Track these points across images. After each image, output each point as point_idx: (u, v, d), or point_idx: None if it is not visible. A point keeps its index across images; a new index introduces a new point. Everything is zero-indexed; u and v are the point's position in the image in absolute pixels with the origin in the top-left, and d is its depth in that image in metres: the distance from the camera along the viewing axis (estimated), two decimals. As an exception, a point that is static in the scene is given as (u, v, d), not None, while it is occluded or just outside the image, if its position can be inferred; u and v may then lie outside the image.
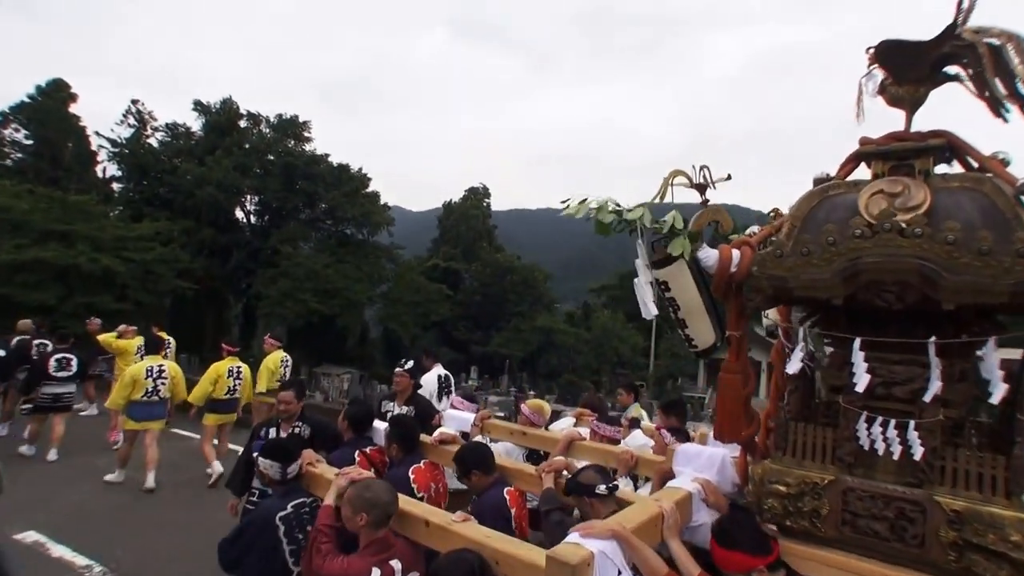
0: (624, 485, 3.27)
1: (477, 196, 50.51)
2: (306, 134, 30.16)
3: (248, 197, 29.56)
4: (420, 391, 6.43)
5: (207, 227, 27.37)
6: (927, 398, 2.00)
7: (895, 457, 2.06)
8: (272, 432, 4.03)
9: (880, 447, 2.08)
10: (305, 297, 24.56)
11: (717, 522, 2.27)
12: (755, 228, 2.53)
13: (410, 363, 5.23)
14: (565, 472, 3.05)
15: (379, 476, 3.64)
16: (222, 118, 30.04)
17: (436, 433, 3.96)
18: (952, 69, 2.18)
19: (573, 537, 1.93)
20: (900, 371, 2.13)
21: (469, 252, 45.81)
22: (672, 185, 2.25)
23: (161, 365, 6.84)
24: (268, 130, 30.11)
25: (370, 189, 30.43)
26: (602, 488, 2.52)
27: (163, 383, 6.75)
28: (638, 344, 44.33)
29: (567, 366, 38.50)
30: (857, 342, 2.14)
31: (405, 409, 4.91)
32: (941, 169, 2.25)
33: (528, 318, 39.27)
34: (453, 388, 6.96)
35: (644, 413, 6.09)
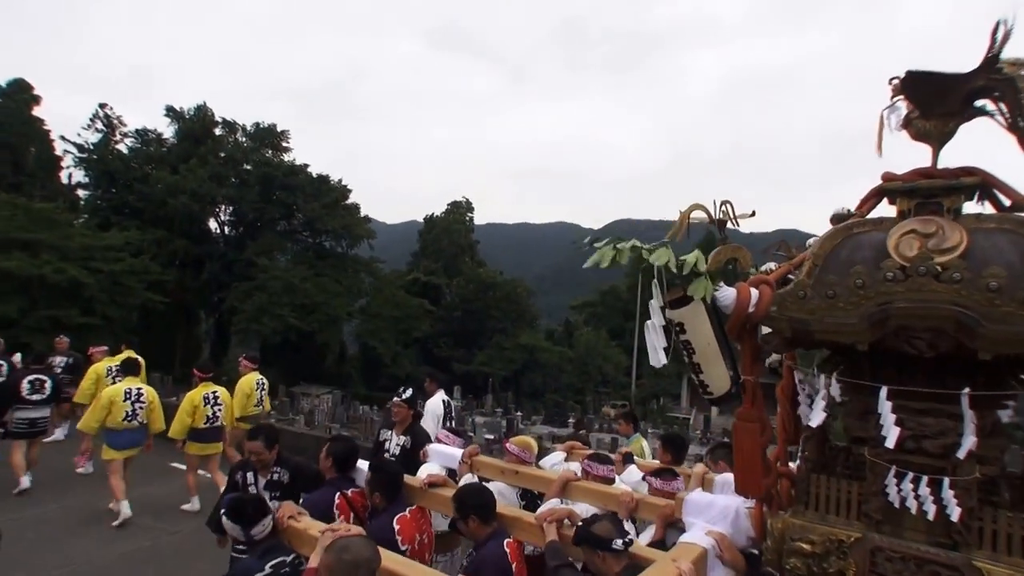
0: (630, 527, 3.13)
1: (460, 210, 50.44)
2: (284, 144, 29.85)
3: (222, 207, 29.03)
4: (424, 418, 6.29)
5: (180, 238, 26.78)
6: (961, 454, 1.89)
7: (929, 516, 1.94)
8: (250, 476, 3.87)
9: (912, 505, 1.97)
10: (283, 312, 24.02)
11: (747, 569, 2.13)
12: (772, 265, 2.43)
13: (408, 392, 5.06)
14: (567, 521, 2.90)
15: (360, 522, 3.43)
16: (196, 125, 29.58)
17: (423, 474, 3.76)
18: (983, 103, 2.10)
19: None
20: (930, 423, 2.02)
21: (451, 267, 45.56)
22: (690, 220, 2.13)
23: (140, 388, 6.59)
24: (245, 139, 29.73)
25: (349, 201, 30.13)
26: (619, 544, 2.37)
27: (141, 407, 6.48)
28: (621, 363, 44.37)
29: (551, 385, 38.26)
30: (884, 391, 2.03)
31: (403, 439, 4.83)
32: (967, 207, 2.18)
33: (511, 335, 39.05)
34: (454, 414, 6.79)
35: (646, 444, 5.94)
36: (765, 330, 2.31)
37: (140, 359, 7.74)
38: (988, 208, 2.17)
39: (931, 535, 1.99)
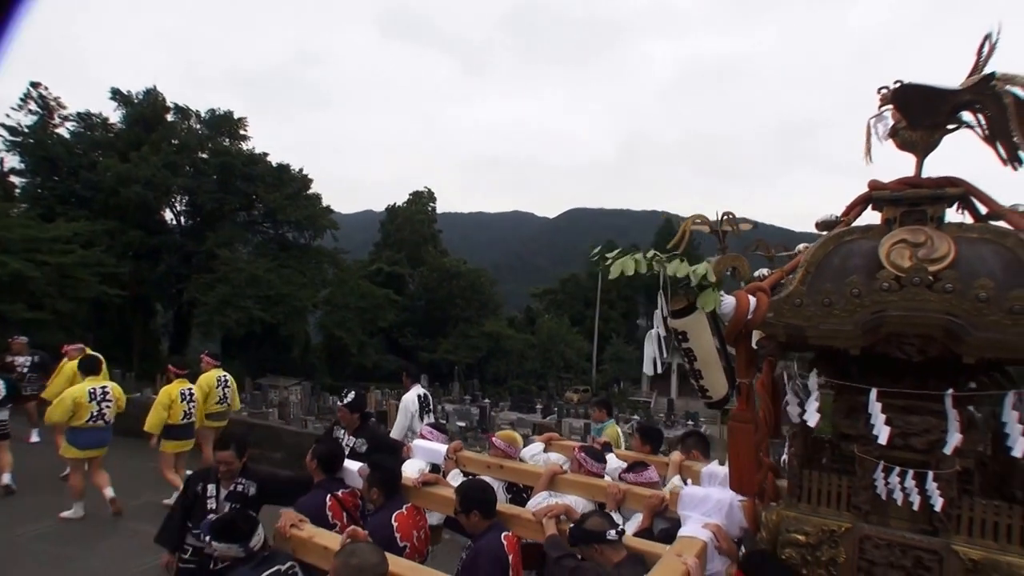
0: (617, 519, 3.20)
1: (421, 200, 50.08)
2: (242, 132, 28.69)
3: (178, 197, 27.78)
4: (399, 413, 6.51)
5: (133, 228, 25.54)
6: (948, 450, 2.03)
7: (914, 507, 2.09)
8: (211, 488, 3.69)
9: (899, 496, 2.10)
10: (247, 304, 23.25)
11: (746, 557, 2.24)
12: (764, 271, 2.52)
13: (351, 396, 5.04)
14: (563, 516, 2.97)
15: (353, 521, 3.44)
16: (147, 110, 28.05)
17: (409, 471, 3.78)
18: (966, 116, 2.23)
19: None
20: (916, 421, 2.16)
21: (414, 256, 45.25)
22: (691, 229, 2.20)
23: (105, 387, 6.46)
24: (199, 126, 28.42)
25: (311, 191, 29.34)
26: (612, 534, 2.46)
27: (108, 406, 6.34)
28: (583, 349, 45.06)
29: (514, 372, 38.56)
30: (873, 393, 2.15)
31: (355, 441, 4.80)
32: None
33: (475, 323, 39.10)
34: (432, 407, 6.82)
35: (620, 431, 6.07)
36: (756, 335, 2.42)
37: (100, 357, 7.49)
38: (966, 216, 2.32)
39: (914, 523, 2.14)
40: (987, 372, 2.15)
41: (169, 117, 28.15)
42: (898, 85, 2.26)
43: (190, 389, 6.86)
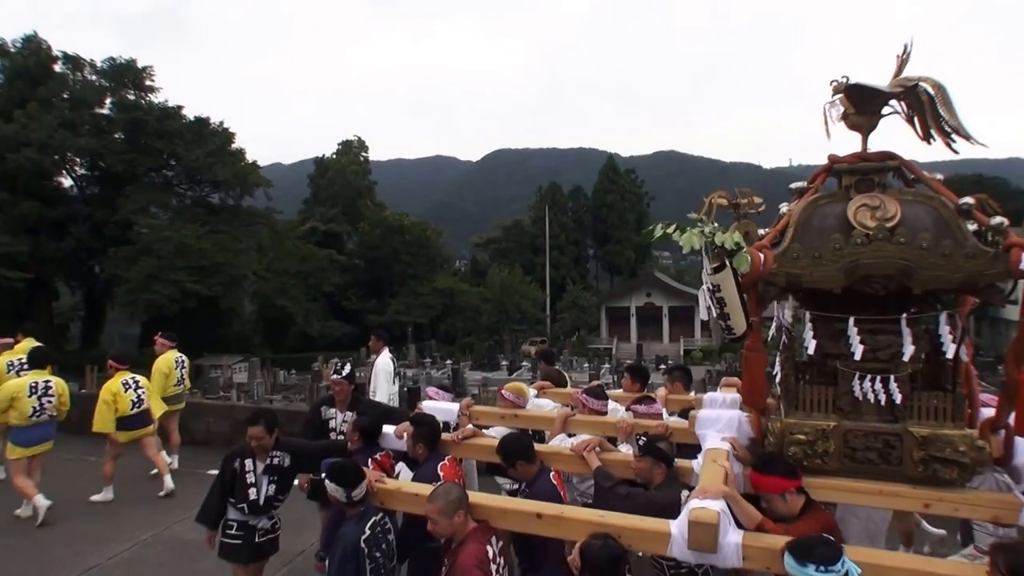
0: (626, 450, 3.98)
1: (352, 150, 48.92)
2: (149, 83, 27.21)
3: (78, 160, 26.34)
4: (376, 376, 6.87)
5: (28, 199, 24.25)
6: (906, 358, 2.98)
7: (882, 403, 3.05)
8: (248, 463, 4.08)
9: (871, 397, 3.06)
10: (178, 277, 22.78)
11: (758, 457, 3.15)
12: (762, 231, 3.38)
13: (348, 367, 5.21)
14: (598, 448, 3.79)
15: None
16: (29, 61, 26.22)
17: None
18: (895, 104, 3.22)
19: (695, 502, 2.65)
20: (881, 339, 3.09)
21: (349, 212, 44.60)
22: (715, 204, 3.02)
23: (48, 381, 6.53)
24: (96, 77, 26.81)
25: (235, 146, 28.36)
26: (674, 462, 3.34)
27: (50, 401, 6.44)
28: (538, 299, 46.30)
29: (471, 328, 39.37)
30: (851, 320, 3.07)
31: (349, 415, 4.92)
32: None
33: (426, 280, 39.35)
34: (397, 368, 7.38)
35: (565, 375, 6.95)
36: None
37: (47, 349, 7.49)
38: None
39: (881, 416, 3.10)
40: (927, 300, 3.11)
41: (57, 68, 26.39)
42: (850, 83, 3.16)
43: (134, 378, 6.98)
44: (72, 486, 7.03)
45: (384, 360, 7.00)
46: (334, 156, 47.89)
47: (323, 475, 3.32)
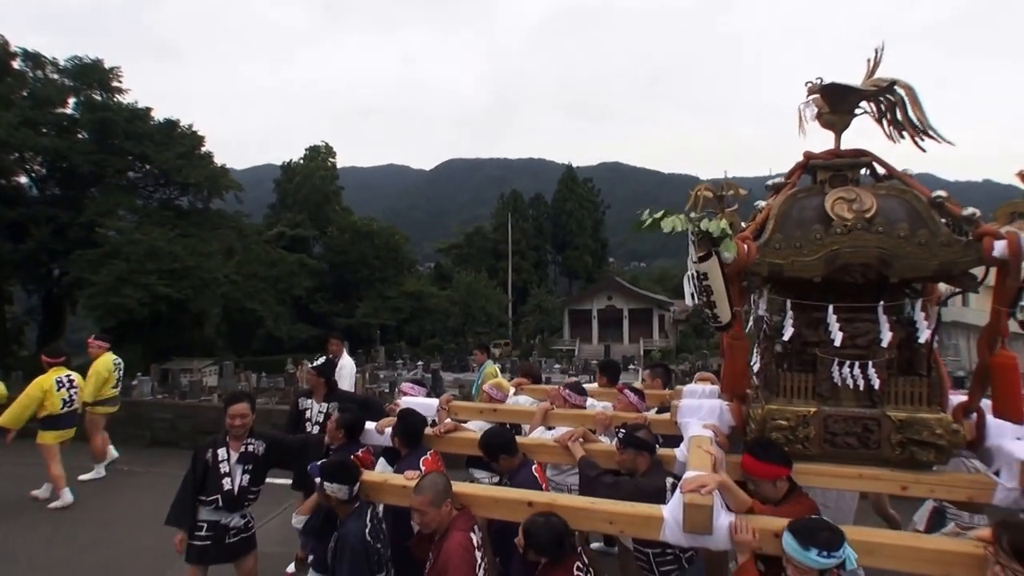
0: (607, 441, 3.91)
1: (320, 155, 48.20)
2: (117, 84, 26.04)
3: (39, 159, 24.93)
4: (342, 374, 6.61)
5: (-16, 201, 22.95)
6: (884, 344, 2.98)
7: (861, 388, 3.04)
8: (221, 452, 3.86)
9: (850, 382, 3.05)
10: (149, 280, 21.82)
11: (752, 442, 3.11)
12: (742, 224, 3.36)
13: (321, 359, 5.21)
14: (581, 439, 3.72)
15: None
16: (-16, 55, 24.80)
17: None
18: (865, 104, 3.28)
19: (691, 474, 2.63)
20: (859, 326, 3.10)
21: (317, 216, 43.85)
22: (701, 196, 2.98)
23: None
24: (58, 76, 25.53)
25: (203, 149, 27.41)
26: (656, 448, 3.28)
27: None
28: (503, 302, 46.39)
29: (438, 331, 39.11)
30: (831, 308, 3.06)
31: (325, 406, 4.93)
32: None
33: (394, 284, 38.94)
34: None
35: (497, 369, 7.11)
36: None
37: None
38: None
39: (860, 401, 3.10)
40: (901, 289, 3.12)
41: (16, 65, 25.01)
42: (827, 83, 3.18)
43: (68, 376, 6.72)
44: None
45: (347, 360, 6.97)
46: (301, 161, 46.99)
47: (317, 478, 3.15)
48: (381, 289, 38.29)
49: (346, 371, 6.77)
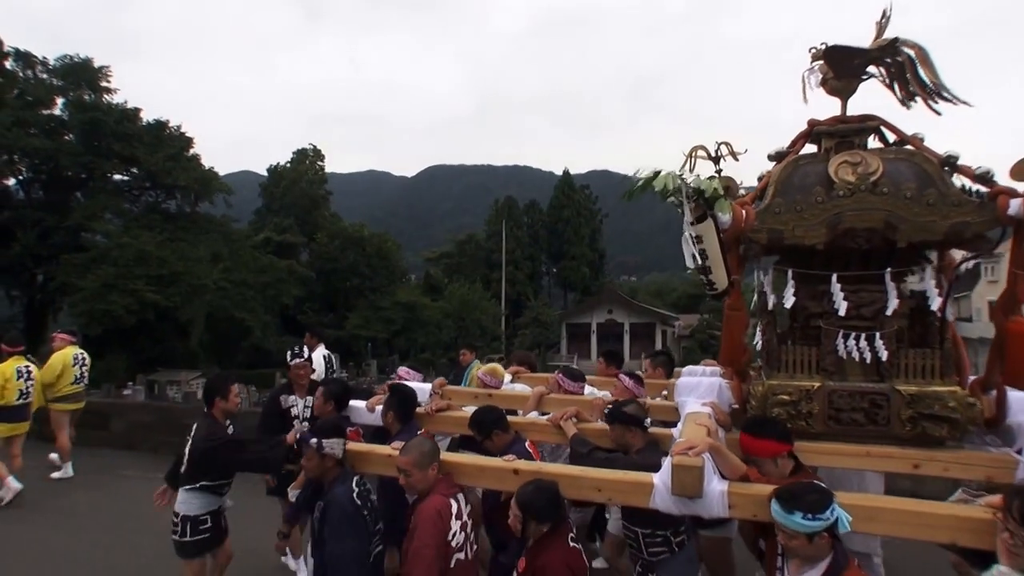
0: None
1: (308, 159, 47.73)
2: (106, 84, 25.81)
3: (27, 161, 24.59)
4: (314, 366, 6.60)
5: (-33, 203, 22.64)
6: (889, 312, 2.86)
7: (868, 361, 2.91)
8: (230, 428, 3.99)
9: (856, 355, 2.92)
10: (137, 286, 21.40)
11: (749, 419, 2.97)
12: (743, 191, 3.25)
13: (306, 350, 5.14)
14: (574, 418, 3.61)
15: None
16: (-26, 54, 24.58)
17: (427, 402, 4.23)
18: (873, 69, 3.16)
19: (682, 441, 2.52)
20: (864, 296, 2.98)
21: (305, 222, 43.25)
22: (695, 156, 2.86)
23: None
24: (48, 76, 25.32)
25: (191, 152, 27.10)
26: (648, 422, 3.14)
27: None
28: (498, 314, 45.81)
29: (432, 343, 38.52)
30: (835, 277, 2.94)
31: (310, 400, 4.76)
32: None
33: (386, 294, 38.42)
34: (336, 368, 7.12)
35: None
36: None
37: None
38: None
39: (867, 375, 2.97)
40: (911, 255, 3.00)
41: (8, 64, 24.79)
42: (830, 46, 3.08)
43: (27, 367, 6.57)
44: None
45: (317, 357, 6.54)
46: (288, 165, 46.55)
47: (313, 440, 3.10)
48: (373, 299, 37.64)
49: (318, 364, 6.46)
